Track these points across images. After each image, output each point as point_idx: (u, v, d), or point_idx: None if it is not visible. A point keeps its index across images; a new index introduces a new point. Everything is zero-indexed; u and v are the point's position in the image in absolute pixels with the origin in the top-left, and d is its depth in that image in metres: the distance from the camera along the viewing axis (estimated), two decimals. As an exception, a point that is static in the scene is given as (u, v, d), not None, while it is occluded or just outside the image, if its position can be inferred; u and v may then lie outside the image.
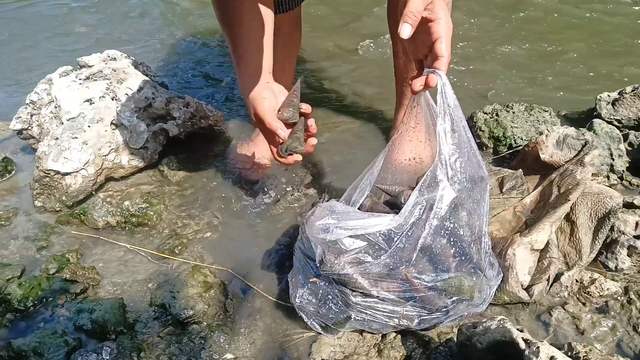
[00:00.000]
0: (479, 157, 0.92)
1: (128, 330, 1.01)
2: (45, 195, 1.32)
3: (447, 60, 0.82)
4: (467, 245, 0.92)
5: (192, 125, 1.50)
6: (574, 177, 1.13)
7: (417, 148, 1.18)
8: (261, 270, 1.16)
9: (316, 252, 0.92)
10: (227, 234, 1.26)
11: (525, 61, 2.10)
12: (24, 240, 1.24)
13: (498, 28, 2.40)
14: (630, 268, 1.10)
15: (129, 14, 2.70)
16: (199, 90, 1.95)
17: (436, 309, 0.92)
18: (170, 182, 1.44)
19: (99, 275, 1.14)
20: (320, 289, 0.95)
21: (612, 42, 2.24)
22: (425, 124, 0.97)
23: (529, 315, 1.02)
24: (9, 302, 1.04)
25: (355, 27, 2.45)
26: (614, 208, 1.06)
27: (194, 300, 1.03)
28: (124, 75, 1.49)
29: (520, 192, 1.19)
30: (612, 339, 0.97)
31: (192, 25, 2.55)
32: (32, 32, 2.50)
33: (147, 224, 1.28)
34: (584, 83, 1.93)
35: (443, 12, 0.80)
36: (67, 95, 1.41)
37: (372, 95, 1.85)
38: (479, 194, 0.92)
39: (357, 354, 0.95)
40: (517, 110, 1.55)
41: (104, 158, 1.37)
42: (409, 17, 0.78)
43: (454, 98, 0.85)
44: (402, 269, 0.89)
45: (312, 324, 0.97)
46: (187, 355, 0.95)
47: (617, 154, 1.40)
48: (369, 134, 1.65)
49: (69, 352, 0.94)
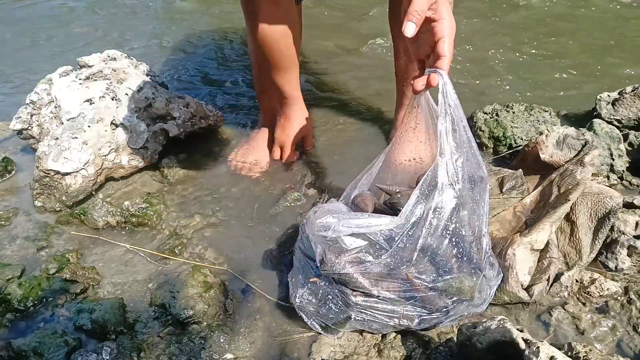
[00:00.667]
0: (479, 157, 0.92)
1: (128, 330, 1.00)
2: (45, 195, 1.32)
3: (449, 60, 0.82)
4: (468, 246, 0.92)
5: (192, 125, 1.50)
6: (574, 177, 1.13)
7: (417, 148, 1.18)
8: (261, 270, 1.16)
9: (316, 252, 0.92)
10: (227, 234, 1.26)
11: (525, 61, 2.10)
12: (24, 240, 1.24)
13: (498, 28, 2.40)
14: (630, 268, 1.10)
15: (129, 14, 2.70)
16: (199, 90, 1.95)
17: (436, 309, 0.92)
18: (170, 182, 1.44)
19: (99, 275, 1.14)
20: (320, 289, 0.95)
21: (612, 42, 2.24)
22: (425, 124, 0.97)
23: (529, 315, 1.02)
24: (9, 302, 1.04)
25: (355, 27, 2.45)
26: (614, 208, 1.06)
27: (194, 300, 1.03)
28: (124, 75, 1.49)
29: (520, 192, 1.19)
30: (612, 339, 0.97)
31: (193, 25, 2.55)
32: (32, 32, 2.49)
33: (147, 224, 1.28)
34: (584, 83, 1.93)
35: (446, 12, 0.81)
36: (67, 95, 1.41)
37: (372, 95, 1.85)
38: (479, 194, 0.92)
39: (357, 354, 0.95)
40: (517, 110, 1.55)
41: (104, 158, 1.37)
42: (414, 15, 0.78)
43: (455, 98, 0.85)
44: (402, 268, 0.89)
45: (312, 324, 0.97)
46: (187, 355, 0.95)
47: (617, 154, 1.40)
48: (369, 134, 1.65)
49: (69, 352, 0.94)
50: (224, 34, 2.39)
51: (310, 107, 1.79)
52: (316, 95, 1.89)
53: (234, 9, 2.58)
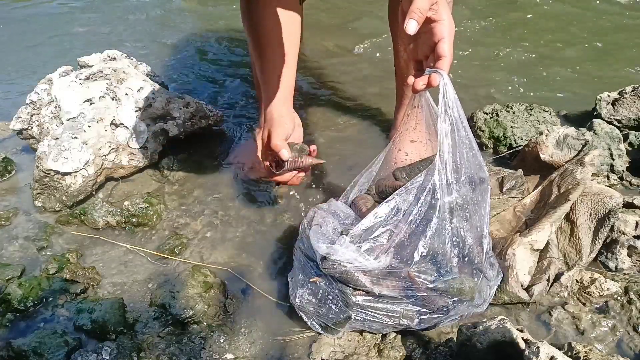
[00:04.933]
0: (480, 158, 0.92)
1: (128, 330, 1.00)
2: (45, 195, 1.32)
3: (449, 60, 0.82)
4: (469, 246, 0.92)
5: (192, 125, 1.50)
6: (574, 177, 1.13)
7: (417, 148, 1.18)
8: (261, 270, 1.16)
9: (317, 251, 0.92)
10: (227, 234, 1.26)
11: (525, 61, 2.10)
12: (24, 240, 1.24)
13: (498, 28, 2.40)
14: (630, 268, 1.10)
15: (129, 14, 2.70)
16: (199, 90, 1.95)
17: (437, 309, 0.92)
18: (170, 182, 1.44)
19: (99, 275, 1.14)
20: (321, 289, 0.95)
21: (612, 42, 2.24)
22: (425, 124, 0.97)
23: (529, 315, 1.02)
24: (9, 302, 1.04)
25: (355, 27, 2.45)
26: (614, 208, 1.06)
27: (194, 300, 1.03)
28: (124, 75, 1.49)
29: (520, 192, 1.19)
30: (612, 339, 0.97)
31: (193, 25, 2.55)
32: (32, 32, 2.49)
33: (147, 224, 1.28)
34: (584, 83, 1.93)
35: (446, 14, 0.81)
36: (67, 95, 1.41)
37: (372, 95, 1.85)
38: (480, 194, 0.92)
39: (357, 354, 0.95)
40: (517, 110, 1.55)
41: (104, 158, 1.37)
42: (416, 13, 0.78)
43: (455, 98, 0.85)
44: (404, 268, 0.89)
45: (312, 324, 0.97)
46: (187, 355, 0.95)
47: (617, 154, 1.40)
48: (369, 133, 1.64)
49: (69, 352, 0.94)
50: (224, 34, 2.39)
51: (310, 107, 1.80)
52: (316, 95, 1.89)
53: (234, 9, 2.58)
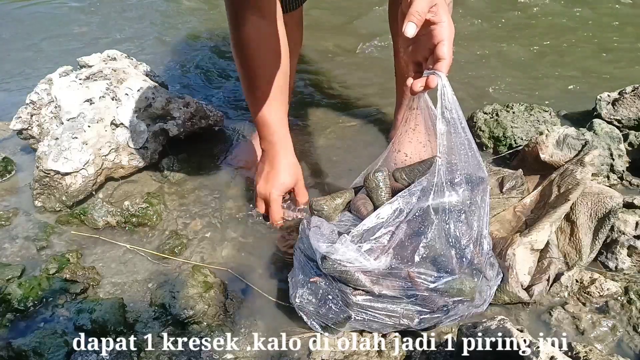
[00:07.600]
0: (479, 158, 0.92)
1: (128, 330, 1.00)
2: (45, 195, 1.32)
3: (448, 62, 0.82)
4: (469, 247, 0.92)
5: (192, 125, 1.50)
6: (574, 177, 1.13)
7: (417, 149, 1.18)
8: (261, 270, 1.16)
9: (317, 250, 0.92)
10: (227, 234, 1.26)
11: (525, 61, 2.10)
12: (24, 240, 1.24)
13: (498, 28, 2.41)
14: (630, 268, 1.10)
15: (129, 14, 2.70)
16: (199, 90, 1.95)
17: (437, 309, 0.92)
18: (170, 182, 1.44)
19: (99, 275, 1.14)
20: (321, 289, 0.95)
21: (612, 42, 2.24)
22: (425, 125, 0.97)
23: (529, 315, 1.02)
24: (9, 302, 1.04)
25: (355, 27, 2.45)
26: (614, 208, 1.06)
27: (194, 300, 1.03)
28: (124, 75, 1.49)
29: (520, 192, 1.19)
30: (612, 339, 0.97)
31: (193, 25, 2.55)
32: (32, 32, 2.50)
33: (147, 224, 1.28)
34: (584, 83, 1.93)
35: (446, 15, 0.81)
36: (67, 95, 1.41)
37: (372, 95, 1.85)
38: (479, 195, 0.92)
39: (357, 354, 0.95)
40: (517, 110, 1.55)
41: (104, 158, 1.37)
42: (414, 16, 0.78)
43: (454, 100, 0.85)
44: (404, 268, 0.89)
45: (312, 324, 0.97)
46: (187, 355, 0.95)
47: (617, 154, 1.40)
48: (368, 134, 1.65)
49: (69, 352, 0.94)
50: (224, 34, 2.39)
51: (310, 108, 1.80)
52: (316, 95, 1.89)
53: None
